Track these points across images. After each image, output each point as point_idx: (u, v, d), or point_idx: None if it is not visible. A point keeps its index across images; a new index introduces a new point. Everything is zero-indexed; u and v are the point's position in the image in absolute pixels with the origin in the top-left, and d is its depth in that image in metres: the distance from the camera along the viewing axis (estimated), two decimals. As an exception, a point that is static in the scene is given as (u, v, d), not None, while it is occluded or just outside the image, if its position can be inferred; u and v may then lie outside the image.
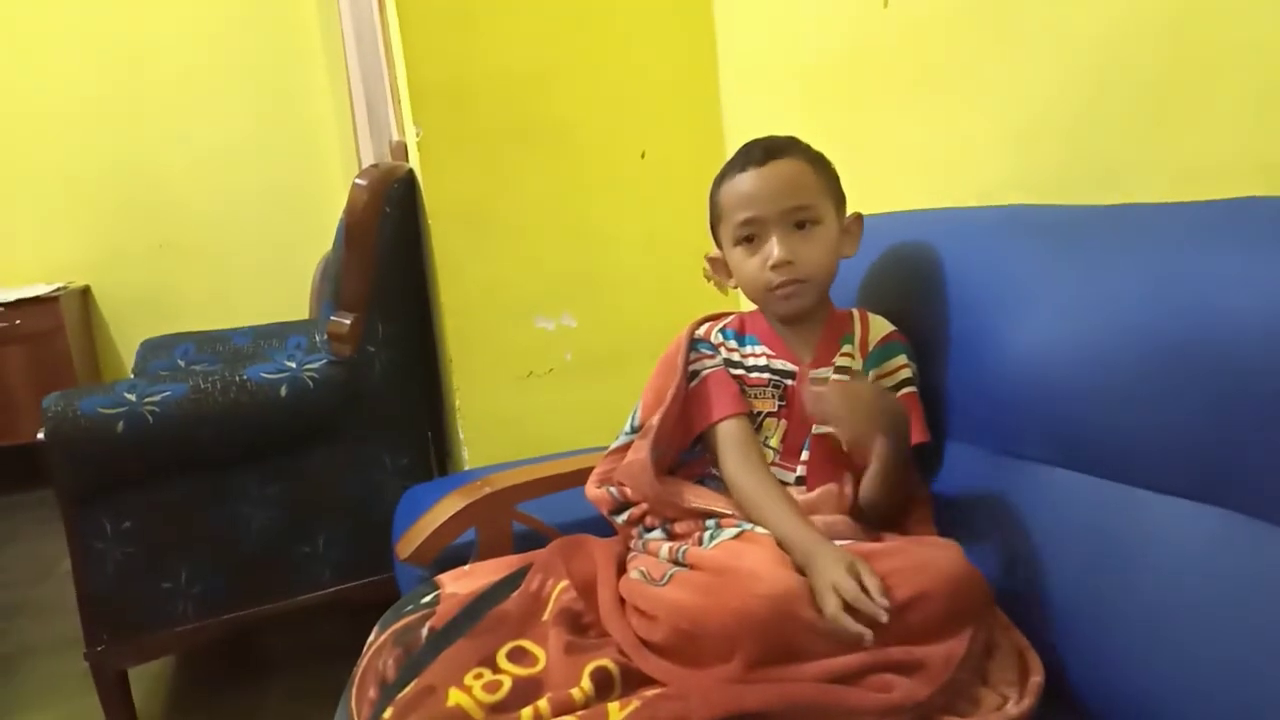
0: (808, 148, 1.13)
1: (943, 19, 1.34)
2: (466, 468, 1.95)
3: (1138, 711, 0.81)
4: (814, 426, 1.09)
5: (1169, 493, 0.81)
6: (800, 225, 1.09)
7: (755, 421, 1.12)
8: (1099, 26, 1.08)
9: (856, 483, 1.07)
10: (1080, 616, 0.88)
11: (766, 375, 1.13)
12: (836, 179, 1.14)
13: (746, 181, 1.10)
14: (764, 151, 1.10)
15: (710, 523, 1.05)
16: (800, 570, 0.92)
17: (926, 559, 0.92)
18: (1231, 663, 0.73)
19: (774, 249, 1.08)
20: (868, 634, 0.84)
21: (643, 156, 2.00)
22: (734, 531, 1.00)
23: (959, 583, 0.89)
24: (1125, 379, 0.83)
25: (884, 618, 0.84)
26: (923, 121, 1.42)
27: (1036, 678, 0.87)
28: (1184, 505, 0.79)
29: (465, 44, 1.86)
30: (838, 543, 0.95)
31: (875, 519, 1.06)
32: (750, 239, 1.11)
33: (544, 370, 1.99)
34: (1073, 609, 0.89)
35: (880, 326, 1.14)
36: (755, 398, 1.12)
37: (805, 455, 1.09)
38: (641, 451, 1.09)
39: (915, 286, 1.15)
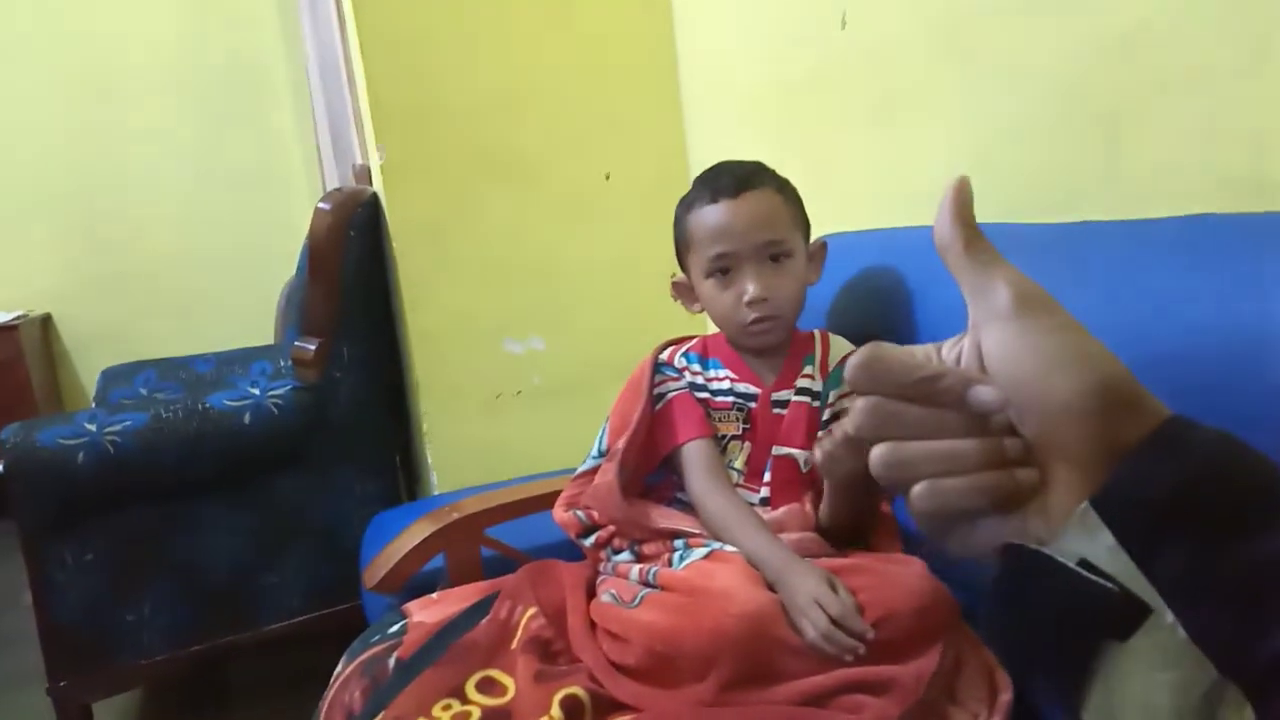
0: (775, 175, 1.13)
1: (899, 41, 1.35)
2: (435, 492, 1.94)
3: (1105, 726, 0.81)
4: (773, 448, 1.09)
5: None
6: (774, 259, 1.09)
7: (720, 444, 1.12)
8: (1053, 49, 1.10)
9: (817, 501, 1.07)
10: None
11: (730, 399, 1.13)
12: (802, 206, 1.14)
13: (718, 214, 1.08)
14: (736, 182, 1.09)
15: (679, 543, 1.05)
16: (771, 588, 0.92)
17: (893, 576, 0.93)
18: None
19: (749, 286, 1.07)
20: (860, 647, 0.85)
21: (607, 179, 2.00)
22: (703, 551, 1.01)
23: (926, 599, 0.90)
24: (1085, 395, 0.84)
25: (871, 634, 0.85)
26: (883, 142, 1.44)
27: (1005, 695, 0.87)
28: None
29: (428, 67, 1.86)
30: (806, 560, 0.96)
31: (839, 536, 1.06)
32: (724, 272, 1.10)
33: (512, 393, 1.98)
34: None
35: (841, 347, 1.15)
36: (720, 421, 1.13)
37: (768, 476, 1.10)
38: (609, 474, 1.10)
39: (879, 305, 1.16)
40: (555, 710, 0.86)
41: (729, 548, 1.00)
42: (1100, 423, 0.37)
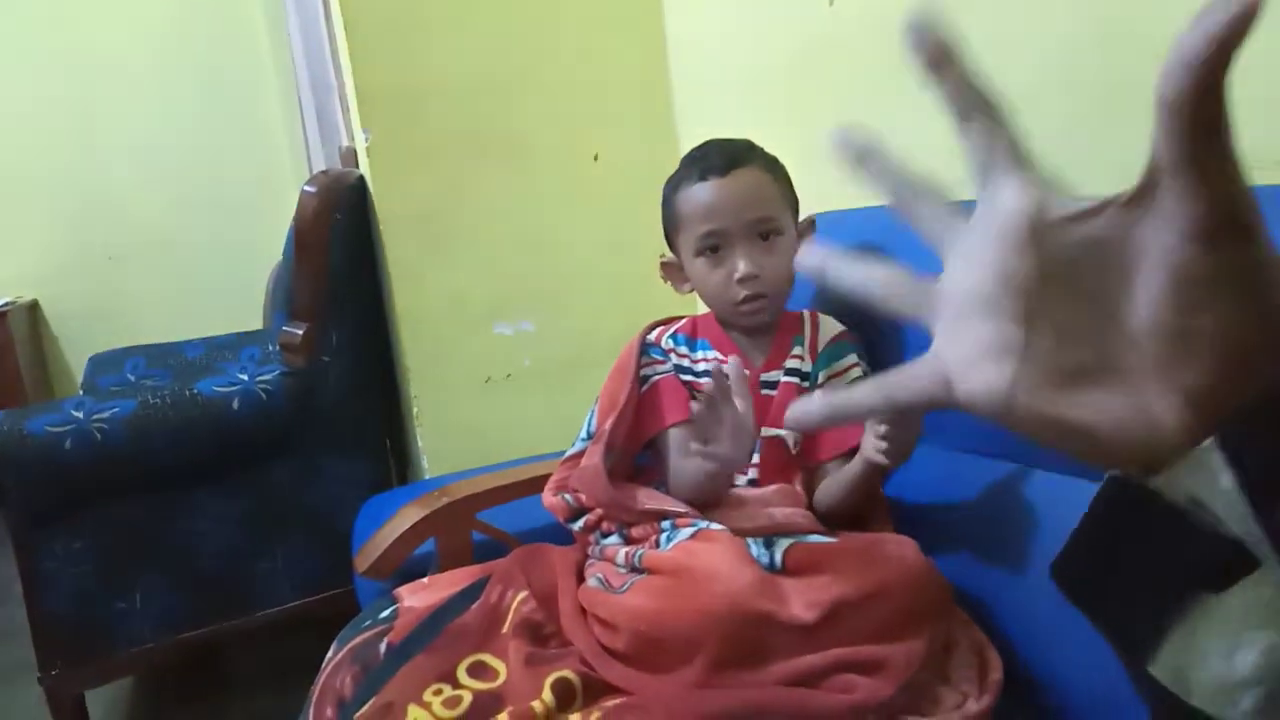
0: (764, 153, 1.12)
1: (887, 18, 1.33)
2: (427, 476, 1.93)
3: (1096, 706, 0.81)
4: (762, 429, 1.09)
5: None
6: (764, 236, 1.08)
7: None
8: (1046, 22, 1.09)
9: (806, 481, 1.07)
10: (1038, 612, 0.89)
11: None
12: (791, 184, 1.14)
13: (708, 192, 1.08)
14: (725, 160, 1.08)
15: (666, 524, 1.04)
16: (760, 568, 0.92)
17: (884, 555, 0.93)
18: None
19: (740, 263, 1.07)
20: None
21: (596, 159, 1.99)
22: (690, 531, 1.00)
23: (917, 579, 0.90)
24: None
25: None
26: (872, 119, 1.42)
27: (996, 675, 0.87)
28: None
29: (413, 47, 1.84)
30: (789, 533, 0.97)
31: (834, 519, 1.06)
32: (714, 250, 1.09)
33: (503, 376, 1.97)
34: (1031, 605, 0.90)
35: (830, 327, 1.14)
36: None
37: (756, 458, 1.09)
38: (594, 457, 1.09)
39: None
40: (546, 694, 0.86)
41: (716, 526, 0.99)
42: (1244, 368, 0.34)
